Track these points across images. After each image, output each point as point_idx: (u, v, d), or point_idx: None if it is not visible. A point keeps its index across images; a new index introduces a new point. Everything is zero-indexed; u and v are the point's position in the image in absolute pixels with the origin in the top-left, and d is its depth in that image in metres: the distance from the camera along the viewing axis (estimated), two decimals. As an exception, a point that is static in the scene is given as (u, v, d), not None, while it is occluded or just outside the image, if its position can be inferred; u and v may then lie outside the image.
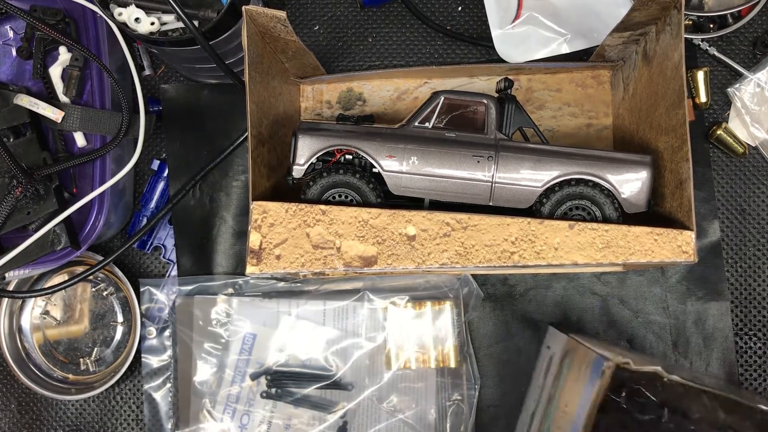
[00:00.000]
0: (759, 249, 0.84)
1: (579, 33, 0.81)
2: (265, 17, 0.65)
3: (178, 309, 0.83)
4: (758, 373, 0.83)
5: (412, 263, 0.64)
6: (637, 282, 0.83)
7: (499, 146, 0.68)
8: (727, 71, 0.86)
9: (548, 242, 0.64)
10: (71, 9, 0.77)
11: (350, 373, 0.81)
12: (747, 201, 0.85)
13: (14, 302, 0.86)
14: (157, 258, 0.87)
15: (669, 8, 0.65)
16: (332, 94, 0.83)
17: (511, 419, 0.82)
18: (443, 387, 0.81)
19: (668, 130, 0.67)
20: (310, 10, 0.89)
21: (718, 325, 0.82)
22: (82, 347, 0.86)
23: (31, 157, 0.75)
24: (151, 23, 0.72)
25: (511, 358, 0.83)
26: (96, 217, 0.76)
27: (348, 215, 0.65)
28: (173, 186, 0.86)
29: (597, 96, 0.82)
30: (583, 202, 0.67)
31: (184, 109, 0.87)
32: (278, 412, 0.81)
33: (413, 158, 0.67)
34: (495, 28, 0.82)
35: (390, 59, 0.88)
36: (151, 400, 0.84)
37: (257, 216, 0.64)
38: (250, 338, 0.82)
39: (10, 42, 0.81)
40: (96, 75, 0.78)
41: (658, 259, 0.64)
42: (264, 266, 0.64)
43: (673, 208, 0.67)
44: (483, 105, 0.69)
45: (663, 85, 0.68)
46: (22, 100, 0.74)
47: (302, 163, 0.68)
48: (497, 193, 0.68)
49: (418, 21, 0.88)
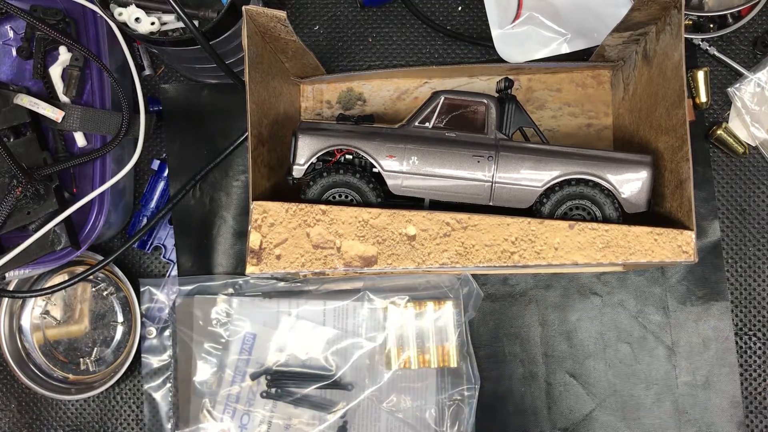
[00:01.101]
0: (759, 249, 0.84)
1: (579, 33, 0.81)
2: (265, 17, 0.65)
3: (178, 309, 0.83)
4: (758, 373, 0.83)
5: (412, 263, 0.64)
6: (637, 282, 0.83)
7: (499, 146, 0.68)
8: (727, 71, 0.86)
9: (548, 242, 0.64)
10: (71, 9, 0.77)
11: (350, 373, 0.81)
12: (747, 201, 0.85)
13: (14, 302, 0.86)
14: (157, 258, 0.87)
15: (669, 8, 0.65)
16: (332, 94, 0.83)
17: (511, 419, 0.83)
18: (443, 387, 0.81)
19: (668, 130, 0.67)
20: (310, 10, 0.89)
21: (718, 325, 0.82)
22: (82, 347, 0.86)
23: (31, 157, 0.75)
24: (151, 23, 0.72)
25: (511, 358, 0.83)
26: (96, 217, 0.76)
27: (348, 215, 0.64)
28: (173, 186, 0.86)
29: (597, 96, 0.82)
30: (583, 202, 0.67)
31: (184, 109, 0.87)
32: (278, 412, 0.81)
33: (413, 158, 0.67)
34: (495, 28, 0.82)
35: (390, 59, 0.88)
36: (151, 400, 0.84)
37: (257, 216, 0.64)
38: (250, 338, 0.82)
39: (10, 42, 0.81)
40: (96, 75, 0.78)
41: (658, 259, 0.64)
42: (264, 266, 0.64)
43: (673, 208, 0.67)
44: (483, 105, 0.69)
45: (663, 85, 0.68)
46: (22, 99, 0.74)
47: (302, 163, 0.68)
48: (497, 193, 0.68)
49: (418, 21, 0.88)
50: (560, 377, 0.83)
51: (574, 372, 0.83)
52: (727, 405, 0.82)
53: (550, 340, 0.83)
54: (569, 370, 0.83)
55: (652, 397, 0.82)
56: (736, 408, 0.81)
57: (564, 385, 0.83)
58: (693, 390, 0.82)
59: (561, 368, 0.83)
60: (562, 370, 0.83)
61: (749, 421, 0.82)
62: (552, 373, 0.83)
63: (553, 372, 0.83)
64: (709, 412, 0.81)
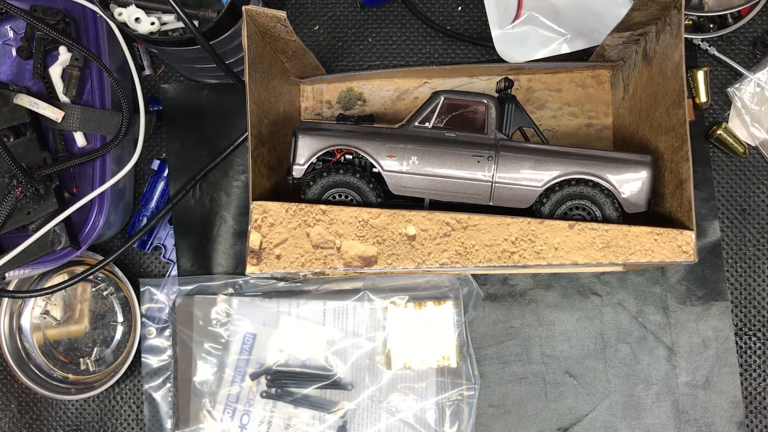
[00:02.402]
0: (759, 249, 0.84)
1: (579, 33, 0.81)
2: (265, 17, 0.65)
3: (178, 309, 0.83)
4: (758, 373, 0.83)
5: (412, 263, 0.64)
6: (637, 282, 0.83)
7: (499, 146, 0.68)
8: (727, 71, 0.86)
9: (548, 242, 0.64)
10: (71, 9, 0.77)
11: (350, 373, 0.81)
12: (747, 201, 0.85)
13: (14, 302, 0.86)
14: (157, 258, 0.87)
15: (669, 8, 0.65)
16: (332, 94, 0.83)
17: (511, 419, 0.83)
18: (443, 387, 0.81)
19: (668, 130, 0.67)
20: (310, 10, 0.89)
21: (718, 325, 0.82)
22: (82, 347, 0.86)
23: (31, 157, 0.75)
24: (151, 23, 0.72)
25: (511, 358, 0.83)
26: (96, 217, 0.76)
27: (348, 215, 0.64)
28: (173, 186, 0.86)
29: (597, 96, 0.82)
30: (583, 202, 0.67)
31: (184, 109, 0.87)
32: (278, 412, 0.81)
33: (413, 158, 0.67)
34: (495, 28, 0.82)
35: (390, 59, 0.88)
36: (151, 400, 0.84)
37: (257, 216, 0.64)
38: (250, 338, 0.82)
39: (10, 42, 0.81)
40: (96, 75, 0.78)
41: (658, 259, 0.64)
42: (264, 266, 0.64)
43: (673, 208, 0.67)
44: (483, 105, 0.69)
45: (663, 85, 0.68)
46: (22, 99, 0.74)
47: (302, 163, 0.68)
48: (497, 193, 0.68)
49: (418, 21, 0.88)
50: (560, 377, 0.83)
51: (574, 372, 0.83)
52: (727, 405, 0.82)
53: (550, 340, 0.83)
54: (569, 370, 0.83)
55: (652, 397, 0.82)
56: (736, 408, 0.81)
57: (564, 385, 0.83)
58: (693, 390, 0.82)
59: (561, 368, 0.83)
60: (561, 370, 0.83)
61: (749, 421, 0.82)
62: (552, 373, 0.83)
63: (553, 372, 0.83)
64: (709, 412, 0.81)
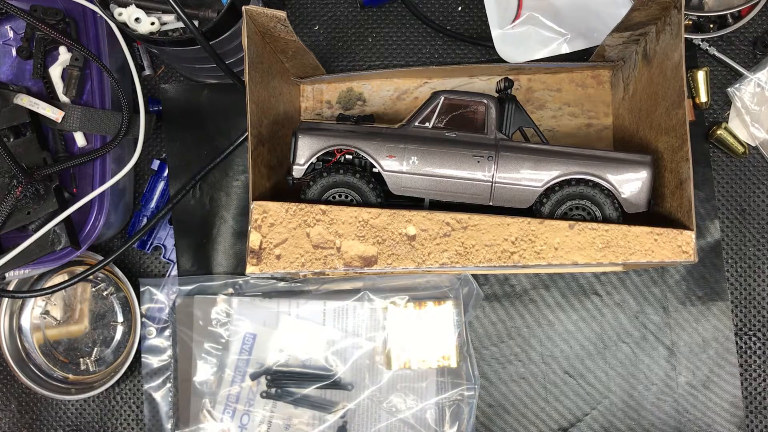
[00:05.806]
0: (759, 249, 0.84)
1: (579, 33, 0.81)
2: (265, 17, 0.65)
3: (178, 309, 0.83)
4: (758, 373, 0.83)
5: (412, 263, 0.64)
6: (637, 282, 0.83)
7: (499, 146, 0.68)
8: (727, 71, 0.86)
9: (548, 242, 0.64)
10: (71, 9, 0.77)
11: (350, 373, 0.81)
12: (747, 201, 0.85)
13: (14, 302, 0.86)
14: (157, 258, 0.87)
15: (669, 8, 0.65)
16: (332, 94, 0.83)
17: (510, 419, 0.83)
18: (443, 387, 0.81)
19: (668, 130, 0.67)
20: (310, 10, 0.89)
21: (718, 325, 0.82)
22: (82, 347, 0.86)
23: (31, 157, 0.75)
24: (151, 23, 0.72)
25: (511, 358, 0.83)
26: (96, 217, 0.76)
27: (348, 215, 0.64)
28: (173, 186, 0.86)
29: (597, 96, 0.82)
30: (583, 202, 0.67)
31: (184, 109, 0.87)
32: (278, 412, 0.81)
33: (413, 158, 0.67)
34: (495, 28, 0.82)
35: (390, 59, 0.88)
36: (151, 400, 0.84)
37: (257, 216, 0.64)
38: (250, 338, 0.82)
39: (10, 42, 0.81)
40: (96, 75, 0.78)
41: (658, 259, 0.64)
42: (264, 266, 0.64)
43: (673, 208, 0.67)
44: (483, 105, 0.69)
45: (663, 85, 0.68)
46: (22, 100, 0.74)
47: (302, 163, 0.68)
48: (497, 193, 0.68)
49: (418, 21, 0.88)
50: (560, 377, 0.83)
51: (574, 372, 0.83)
52: (727, 405, 0.82)
53: (550, 340, 0.83)
54: (569, 370, 0.83)
55: (652, 397, 0.82)
56: (736, 408, 0.81)
57: (564, 385, 0.83)
58: (693, 390, 0.82)
59: (561, 368, 0.83)
60: (561, 370, 0.83)
61: (749, 421, 0.82)
62: (552, 373, 0.83)
63: (553, 372, 0.83)
64: (709, 412, 0.81)
